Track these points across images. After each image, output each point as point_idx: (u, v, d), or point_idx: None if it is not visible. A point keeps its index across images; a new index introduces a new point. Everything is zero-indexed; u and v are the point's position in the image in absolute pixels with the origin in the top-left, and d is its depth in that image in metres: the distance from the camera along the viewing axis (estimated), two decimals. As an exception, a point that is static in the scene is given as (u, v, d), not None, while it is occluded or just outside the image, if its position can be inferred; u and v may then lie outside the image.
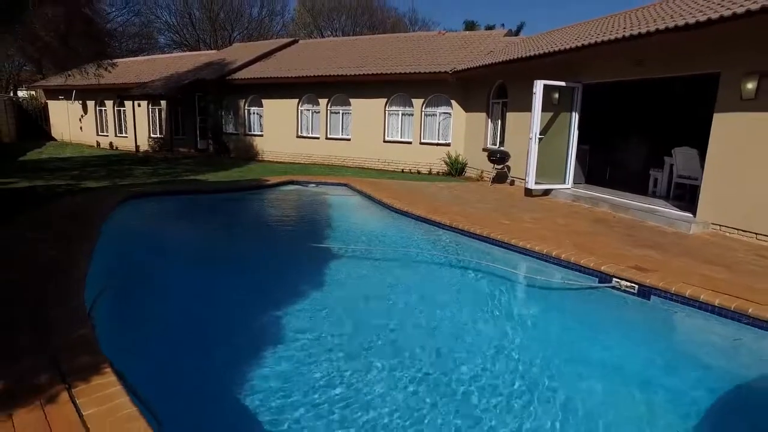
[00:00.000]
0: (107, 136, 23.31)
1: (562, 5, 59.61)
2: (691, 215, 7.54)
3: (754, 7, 5.56)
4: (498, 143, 13.06)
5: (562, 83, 9.88)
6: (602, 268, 5.16)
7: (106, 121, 23.44)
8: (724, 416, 3.19)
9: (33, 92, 33.48)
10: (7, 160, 16.16)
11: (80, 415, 2.40)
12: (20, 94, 35.15)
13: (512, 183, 12.09)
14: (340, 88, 16.39)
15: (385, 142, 16.02)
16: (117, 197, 8.56)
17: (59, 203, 8.24)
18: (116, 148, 22.36)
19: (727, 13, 5.91)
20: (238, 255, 6.90)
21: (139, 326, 4.22)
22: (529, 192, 10.42)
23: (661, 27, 6.89)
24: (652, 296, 4.69)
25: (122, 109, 22.45)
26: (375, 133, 16.06)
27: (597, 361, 3.95)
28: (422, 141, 15.41)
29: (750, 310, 4.02)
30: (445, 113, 15.03)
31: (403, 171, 15.49)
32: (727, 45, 6.76)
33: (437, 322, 4.68)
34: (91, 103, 23.54)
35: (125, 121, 22.45)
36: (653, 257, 5.65)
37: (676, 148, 9.11)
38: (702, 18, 6.26)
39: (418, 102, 15.19)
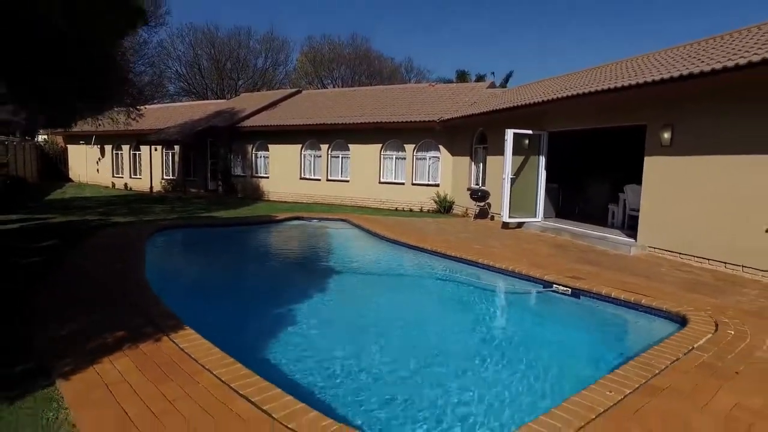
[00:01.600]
0: (122, 177, 25.05)
1: (544, 55, 63.30)
2: (633, 240, 9.04)
3: (657, 77, 7.30)
4: (480, 183, 14.70)
5: (530, 131, 11.59)
6: (545, 277, 6.63)
7: (122, 163, 25.25)
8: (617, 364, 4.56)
9: (46, 136, 35.57)
10: (36, 199, 17.71)
11: (178, 346, 3.81)
12: (37, 138, 37.21)
13: (492, 218, 13.63)
14: (339, 135, 18.20)
15: (380, 183, 17.68)
16: (151, 228, 10.06)
17: (103, 234, 9.69)
18: (131, 188, 24.04)
19: (641, 80, 7.64)
20: (256, 269, 8.37)
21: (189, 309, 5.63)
22: (505, 225, 11.96)
23: (598, 89, 8.63)
24: (581, 296, 6.13)
25: (138, 152, 24.28)
26: (371, 175, 17.75)
27: (541, 336, 5.45)
28: (414, 182, 17.07)
29: (643, 301, 5.47)
30: (434, 157, 16.77)
31: (396, 209, 17.05)
32: (650, 103, 8.47)
33: (424, 314, 6.11)
34: (108, 147, 25.40)
35: (140, 163, 24.24)
36: (591, 271, 7.12)
37: (627, 185, 10.70)
38: (626, 83, 7.99)
39: (409, 147, 16.95)
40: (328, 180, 18.84)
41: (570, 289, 6.28)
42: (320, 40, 47.78)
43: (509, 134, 11.35)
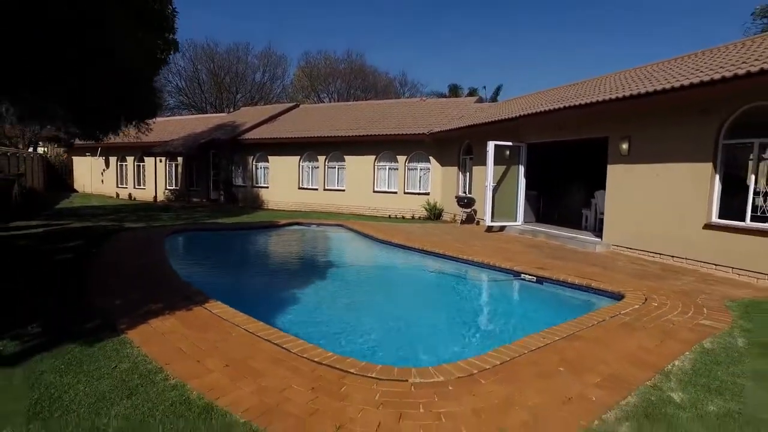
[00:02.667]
0: (126, 187, 26.03)
1: (535, 67, 65.09)
2: (599, 239, 10.11)
3: (614, 95, 8.44)
4: (467, 191, 15.79)
5: (510, 143, 12.71)
6: (515, 268, 7.68)
7: (126, 174, 26.25)
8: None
9: (45, 149, 36.55)
10: (46, 207, 18.64)
11: (211, 312, 4.82)
12: (39, 150, 38.14)
13: (478, 223, 14.70)
14: (336, 147, 19.32)
15: (374, 192, 18.77)
16: (165, 231, 11.06)
17: (122, 236, 10.66)
18: (134, 198, 25.00)
19: (600, 98, 8.78)
20: (264, 262, 9.38)
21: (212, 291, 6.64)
22: (489, 229, 13.03)
23: (563, 105, 9.76)
24: (543, 282, 7.19)
25: (142, 163, 25.30)
26: (366, 185, 18.84)
27: (511, 311, 6.58)
28: (406, 191, 18.18)
29: (592, 284, 6.53)
30: (424, 167, 17.90)
31: (390, 216, 18.11)
32: (611, 118, 9.61)
33: (406, 294, 7.17)
34: (113, 159, 26.41)
35: (144, 174, 25.25)
36: (556, 264, 8.17)
37: (597, 191, 11.80)
38: (589, 101, 9.13)
39: (402, 158, 18.07)
40: (325, 189, 19.91)
41: (535, 277, 7.33)
42: (316, 56, 49.34)
43: (490, 146, 12.47)
